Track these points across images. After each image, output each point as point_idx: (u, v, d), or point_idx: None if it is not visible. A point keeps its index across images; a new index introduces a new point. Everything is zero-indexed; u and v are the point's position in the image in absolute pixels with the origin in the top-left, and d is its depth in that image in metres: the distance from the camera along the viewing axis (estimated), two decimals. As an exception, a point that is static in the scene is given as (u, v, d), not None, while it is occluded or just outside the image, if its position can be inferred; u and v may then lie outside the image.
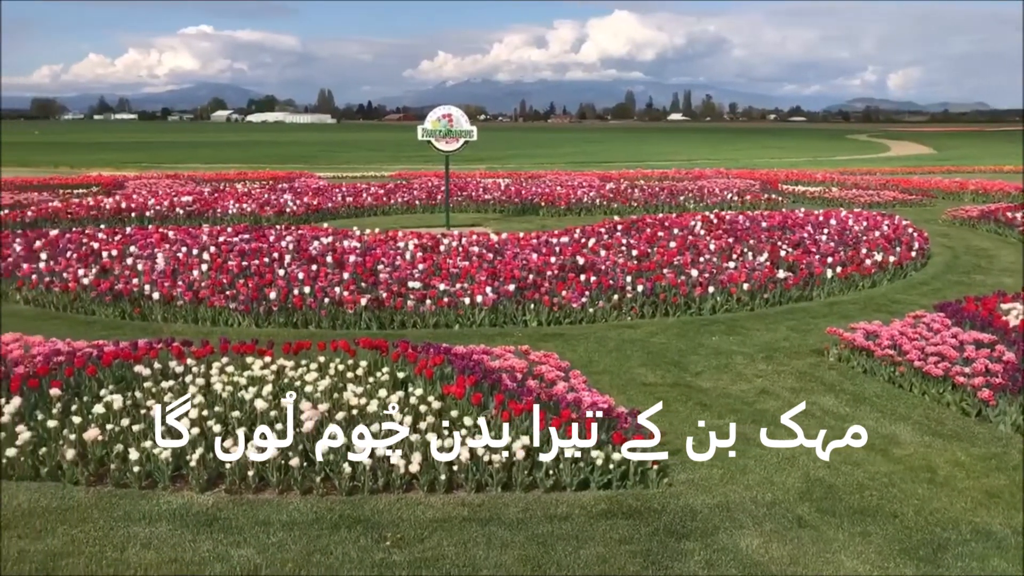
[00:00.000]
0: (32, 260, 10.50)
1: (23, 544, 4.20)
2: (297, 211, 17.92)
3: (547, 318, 8.84)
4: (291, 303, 8.76)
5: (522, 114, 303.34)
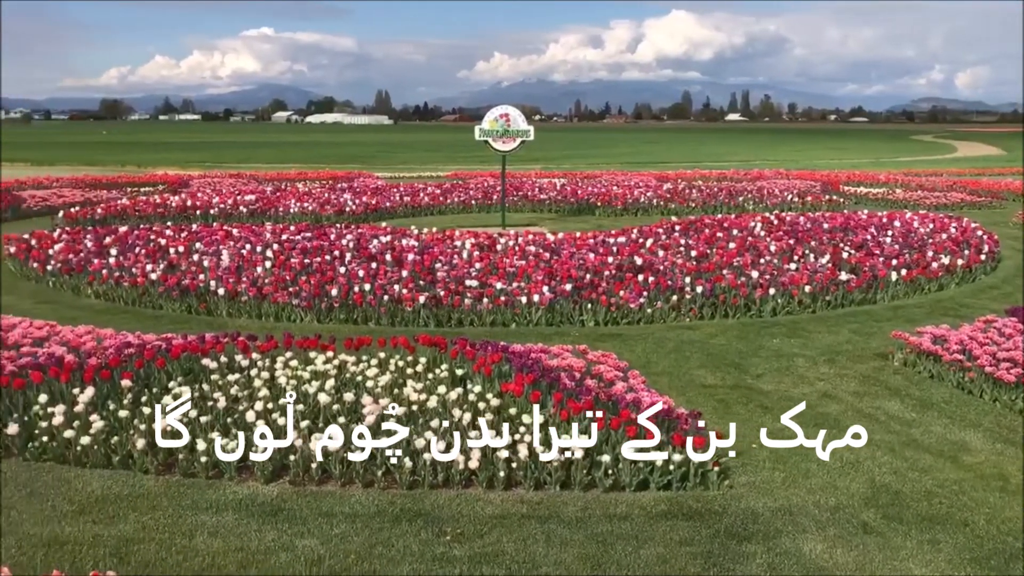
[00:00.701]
0: (102, 256, 10.83)
1: (97, 529, 4.34)
2: (356, 210, 18.15)
3: (604, 318, 8.81)
4: (351, 300, 8.88)
5: (577, 114, 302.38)
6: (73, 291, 10.24)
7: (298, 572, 3.94)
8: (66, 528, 4.34)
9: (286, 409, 5.12)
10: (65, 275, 10.47)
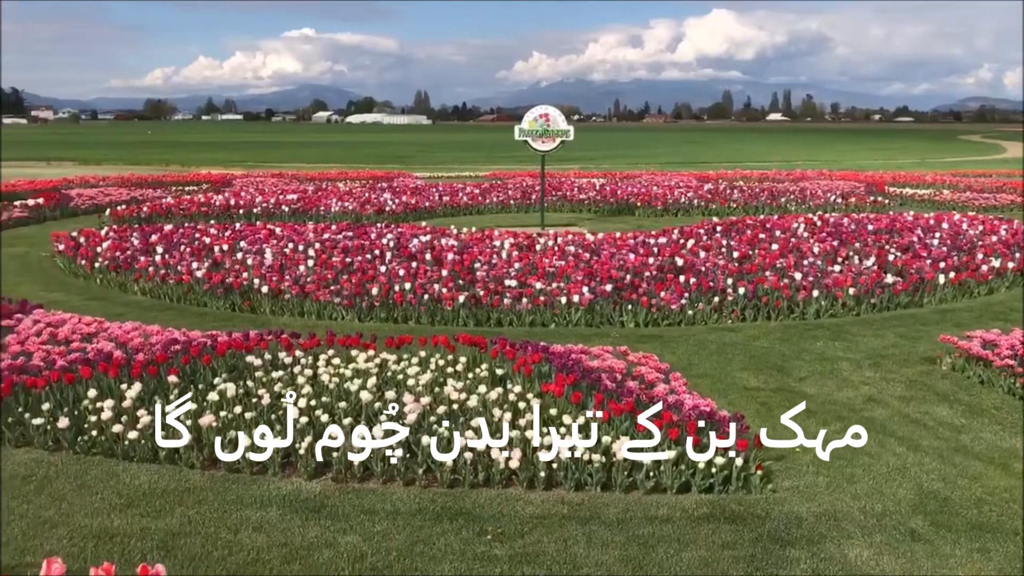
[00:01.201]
0: (149, 254, 11.04)
1: (145, 522, 4.41)
2: (396, 210, 18.28)
3: (644, 319, 8.76)
4: (392, 299, 8.94)
5: (616, 114, 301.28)
6: (120, 288, 10.45)
7: (341, 569, 3.97)
8: (115, 520, 4.43)
9: (331, 408, 5.17)
10: (112, 272, 10.69)
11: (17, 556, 4.05)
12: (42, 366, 5.92)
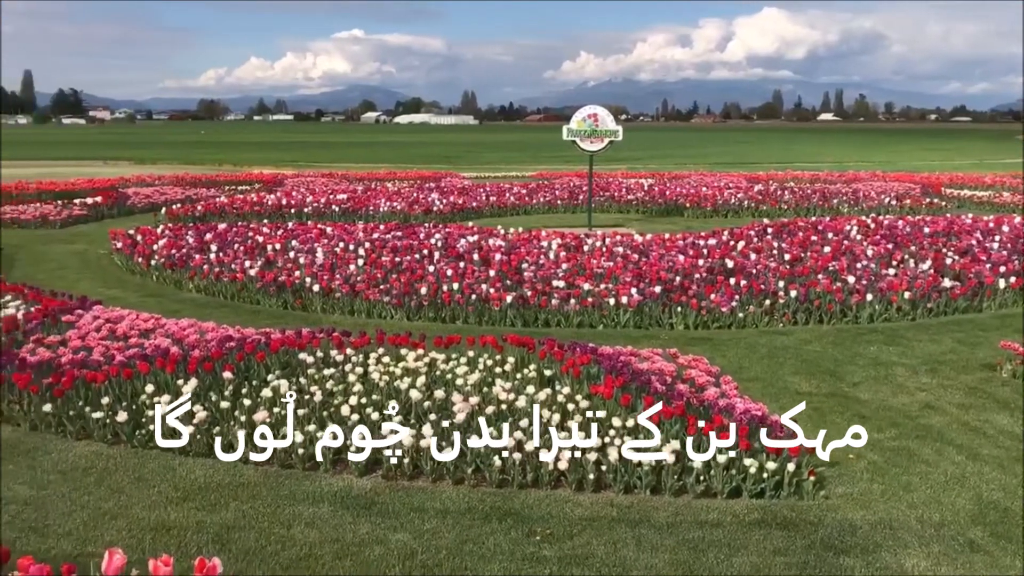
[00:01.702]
0: (203, 252, 11.26)
1: (201, 516, 4.51)
2: (443, 210, 18.38)
3: (694, 321, 8.68)
4: (440, 298, 8.99)
5: (664, 114, 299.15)
6: (175, 285, 10.67)
7: (391, 566, 4.01)
8: (171, 513, 4.53)
9: (382, 405, 5.22)
10: (168, 270, 10.92)
11: (79, 546, 4.16)
12: (102, 361, 6.08)
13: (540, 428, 5.05)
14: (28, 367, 5.93)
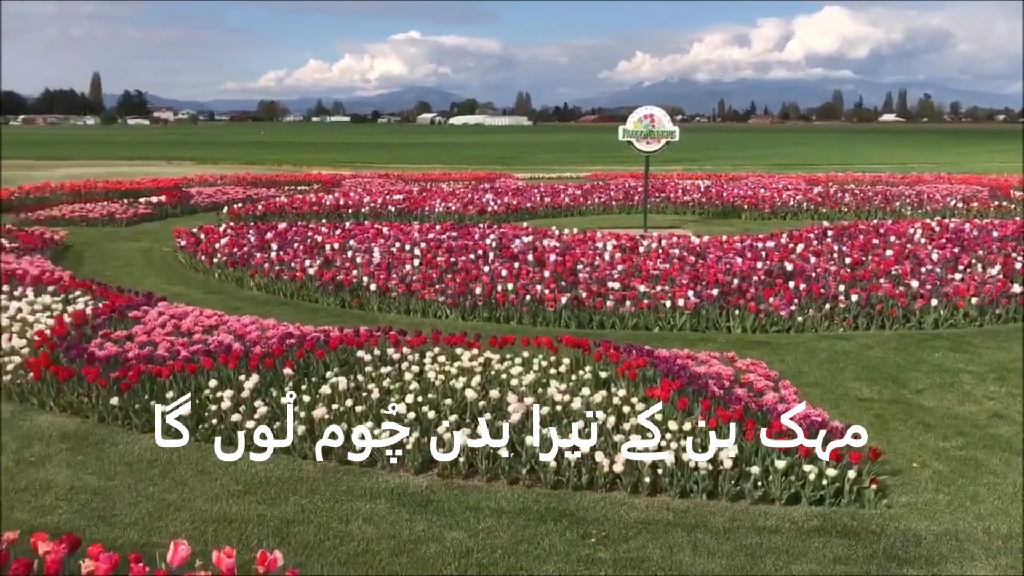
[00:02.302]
0: (264, 251, 11.47)
1: (261, 509, 4.60)
2: (498, 210, 18.43)
3: (752, 325, 8.57)
4: (494, 299, 9.02)
5: (720, 114, 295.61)
6: (237, 283, 10.90)
7: (447, 563, 4.04)
8: (233, 506, 4.63)
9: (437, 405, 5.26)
10: (230, 268, 11.16)
11: (144, 536, 4.28)
12: (166, 356, 6.24)
13: (596, 430, 5.04)
14: (96, 361, 6.12)
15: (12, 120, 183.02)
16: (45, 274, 9.24)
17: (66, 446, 5.47)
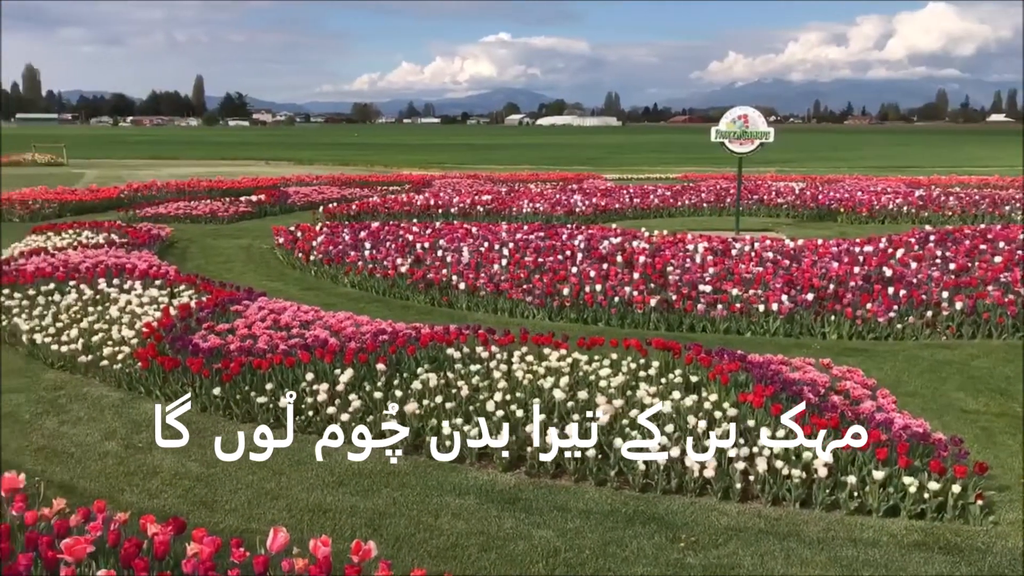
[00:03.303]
0: (357, 249, 11.74)
1: (354, 500, 4.72)
2: (586, 211, 18.38)
3: (848, 332, 8.31)
4: (582, 300, 9.01)
5: (815, 115, 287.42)
6: (332, 280, 11.19)
7: (535, 562, 4.06)
8: (328, 497, 4.76)
9: (526, 404, 5.30)
10: (326, 265, 11.47)
11: (244, 522, 4.44)
12: (266, 349, 6.46)
13: (686, 435, 5.00)
14: (200, 352, 6.38)
15: (122, 121, 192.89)
16: (152, 268, 9.67)
17: (170, 433, 5.70)
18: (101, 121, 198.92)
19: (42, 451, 5.39)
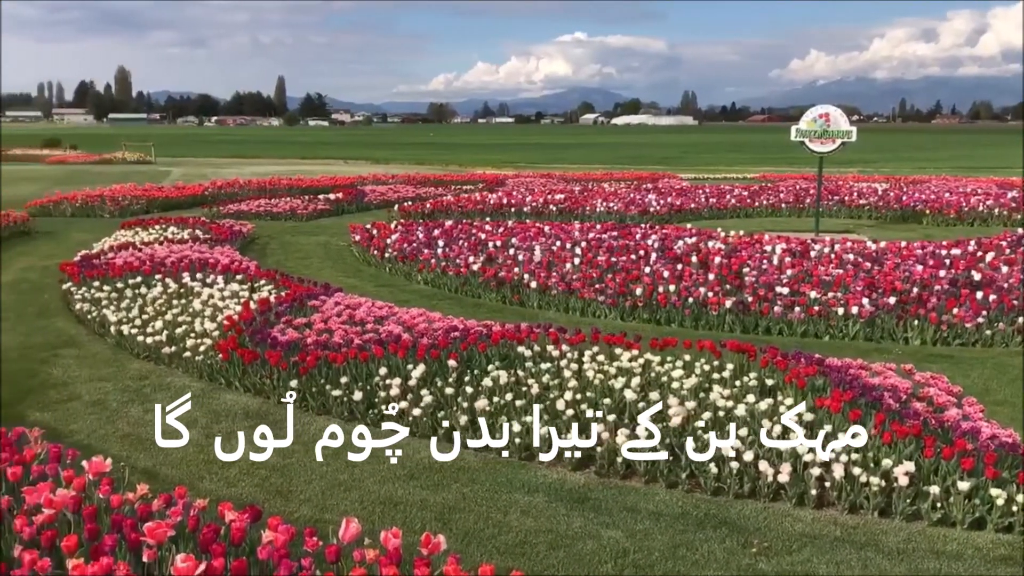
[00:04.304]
0: (431, 247, 11.87)
1: (425, 494, 4.77)
2: (660, 211, 18.20)
3: (932, 337, 8.03)
4: (655, 300, 8.92)
5: (901, 114, 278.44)
6: (406, 277, 11.34)
7: (604, 562, 4.03)
8: (399, 490, 4.82)
9: (595, 403, 5.27)
10: (400, 262, 11.62)
11: (317, 512, 4.53)
12: (341, 343, 6.58)
13: (761, 438, 4.90)
14: (278, 345, 6.54)
15: (207, 121, 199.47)
16: (234, 263, 9.96)
17: (249, 423, 5.88)
18: (187, 121, 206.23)
19: (127, 438, 5.60)
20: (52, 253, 12.92)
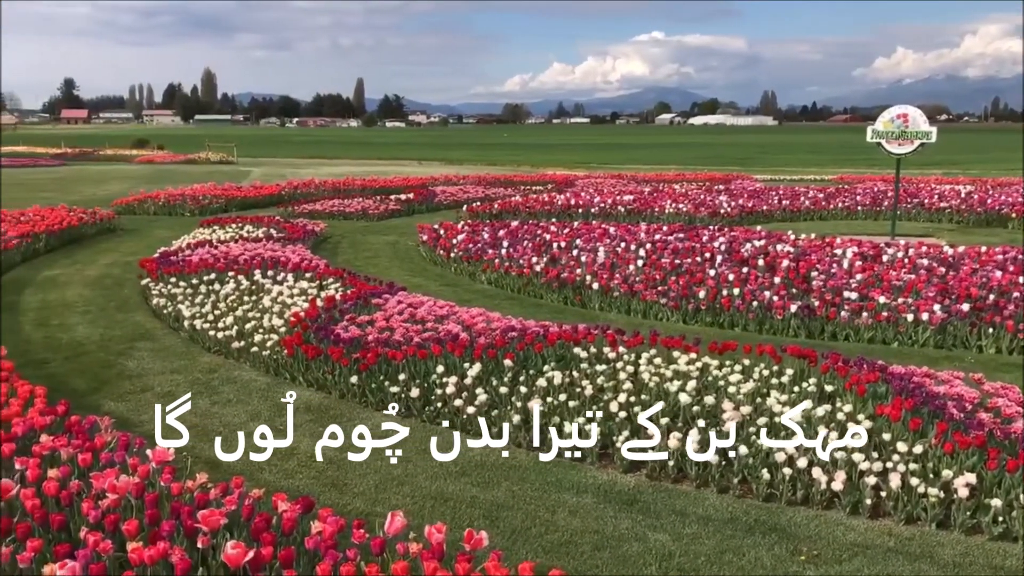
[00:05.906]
0: (496, 247, 11.96)
1: (474, 491, 4.84)
2: (731, 212, 17.93)
3: (1009, 346, 7.74)
4: (719, 303, 8.82)
5: (993, 113, 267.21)
6: (470, 277, 11.46)
7: (648, 564, 4.04)
8: (449, 486, 4.91)
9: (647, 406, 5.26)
10: (464, 262, 11.76)
11: (368, 506, 4.65)
12: (401, 341, 6.71)
13: (817, 445, 4.83)
14: (341, 342, 6.70)
15: (288, 122, 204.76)
16: (304, 262, 10.23)
17: (310, 417, 6.05)
18: (269, 122, 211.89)
19: (194, 428, 5.82)
20: (134, 250, 13.49)
